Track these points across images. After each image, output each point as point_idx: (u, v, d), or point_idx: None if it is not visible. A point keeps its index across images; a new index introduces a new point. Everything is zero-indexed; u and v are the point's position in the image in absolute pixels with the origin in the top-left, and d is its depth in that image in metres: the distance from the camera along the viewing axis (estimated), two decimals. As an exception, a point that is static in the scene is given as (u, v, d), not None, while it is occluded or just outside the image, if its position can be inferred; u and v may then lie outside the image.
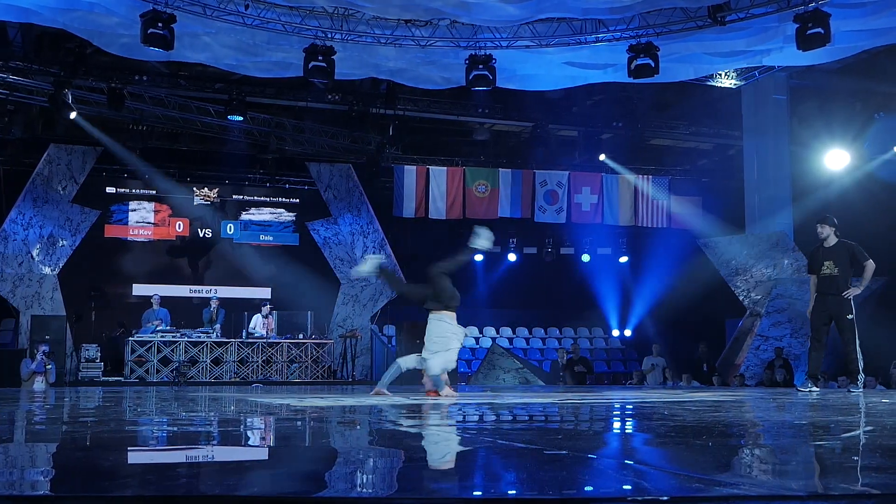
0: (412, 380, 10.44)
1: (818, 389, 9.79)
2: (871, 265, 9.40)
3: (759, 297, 16.53)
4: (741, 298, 17.01)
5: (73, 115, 16.61)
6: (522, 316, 22.85)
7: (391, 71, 15.52)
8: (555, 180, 20.38)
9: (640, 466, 2.88)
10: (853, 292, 9.42)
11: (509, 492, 2.32)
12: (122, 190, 19.81)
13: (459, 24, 14.31)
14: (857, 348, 9.40)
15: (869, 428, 4.23)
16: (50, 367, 15.37)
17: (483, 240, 8.91)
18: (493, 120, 20.13)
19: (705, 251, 17.40)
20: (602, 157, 20.12)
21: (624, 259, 22.70)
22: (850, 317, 9.40)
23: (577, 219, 20.77)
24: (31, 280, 17.95)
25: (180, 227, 20.11)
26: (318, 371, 17.33)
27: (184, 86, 17.82)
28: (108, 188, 19.61)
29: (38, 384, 14.97)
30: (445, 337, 8.65)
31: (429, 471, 2.93)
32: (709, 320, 19.37)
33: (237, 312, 17.96)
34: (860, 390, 9.21)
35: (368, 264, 9.24)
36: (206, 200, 20.24)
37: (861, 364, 9.37)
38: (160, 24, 12.62)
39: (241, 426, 4.98)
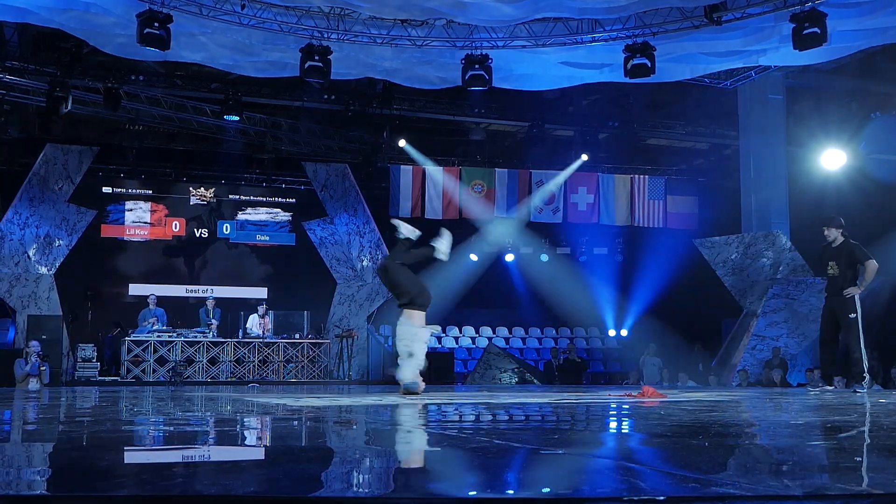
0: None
1: (831, 388, 9.72)
2: (871, 265, 9.34)
3: (755, 296, 16.53)
4: (737, 298, 17.01)
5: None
6: (519, 316, 22.83)
7: (387, 71, 15.53)
8: (551, 180, 20.38)
9: (637, 466, 2.88)
10: (852, 291, 9.39)
11: (506, 491, 2.32)
12: (119, 190, 19.83)
13: (456, 24, 14.32)
14: (862, 348, 9.33)
15: (866, 428, 4.24)
16: (44, 368, 15.33)
17: (443, 245, 8.50)
18: (489, 120, 20.13)
19: (701, 251, 17.39)
20: (584, 157, 20.10)
21: (620, 258, 22.69)
22: (851, 316, 9.36)
23: (573, 219, 20.76)
24: (27, 280, 17.92)
25: (177, 226, 20.12)
26: (314, 371, 17.32)
27: (180, 85, 17.83)
28: (104, 188, 19.62)
29: (33, 384, 14.94)
30: (403, 340, 8.23)
31: (425, 470, 2.93)
32: (705, 320, 19.37)
33: (233, 312, 17.95)
34: (865, 391, 9.05)
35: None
36: (203, 200, 20.24)
37: (866, 364, 9.32)
38: (156, 24, 12.63)
39: (238, 426, 4.97)
